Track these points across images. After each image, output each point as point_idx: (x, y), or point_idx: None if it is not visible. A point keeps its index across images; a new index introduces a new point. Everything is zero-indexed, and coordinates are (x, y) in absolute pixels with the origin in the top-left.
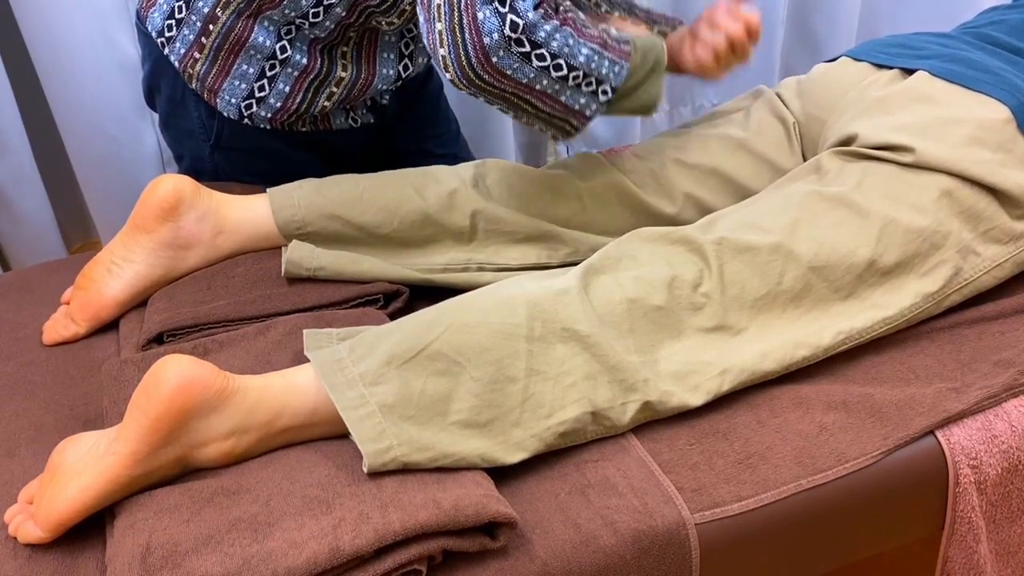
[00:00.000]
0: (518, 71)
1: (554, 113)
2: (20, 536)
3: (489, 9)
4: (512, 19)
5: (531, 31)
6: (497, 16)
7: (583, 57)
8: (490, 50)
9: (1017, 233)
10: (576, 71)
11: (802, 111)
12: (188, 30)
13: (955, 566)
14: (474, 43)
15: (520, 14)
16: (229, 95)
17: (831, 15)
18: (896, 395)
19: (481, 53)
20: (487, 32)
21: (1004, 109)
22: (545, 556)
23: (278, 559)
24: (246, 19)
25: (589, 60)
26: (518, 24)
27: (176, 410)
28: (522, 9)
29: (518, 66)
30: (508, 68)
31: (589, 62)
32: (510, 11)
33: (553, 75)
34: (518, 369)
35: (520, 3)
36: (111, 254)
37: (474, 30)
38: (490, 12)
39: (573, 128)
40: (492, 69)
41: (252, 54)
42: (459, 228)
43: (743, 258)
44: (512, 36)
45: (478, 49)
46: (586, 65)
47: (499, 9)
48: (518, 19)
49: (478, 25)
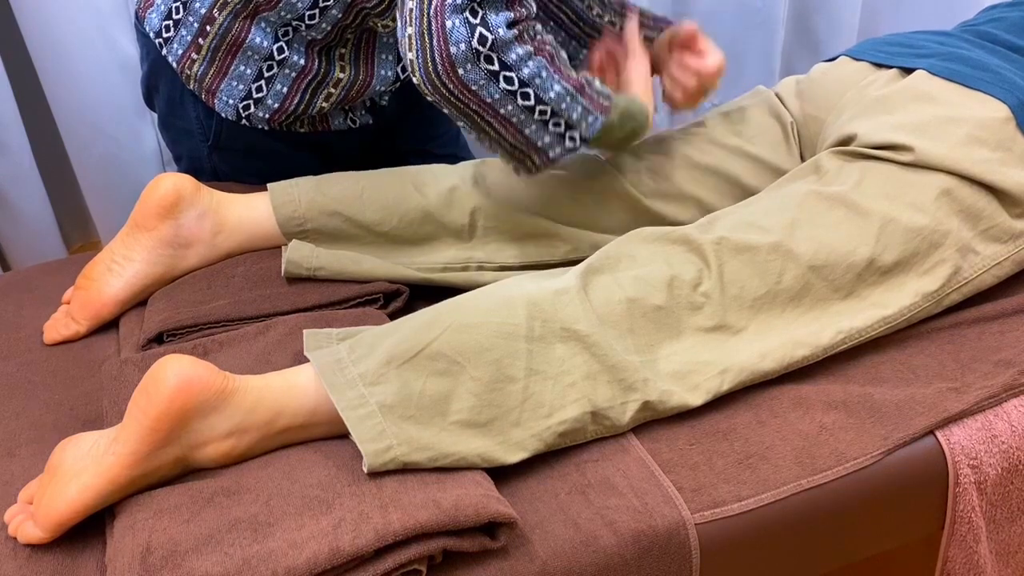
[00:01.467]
0: (483, 88)
1: (516, 144)
2: (20, 536)
3: (459, 19)
4: (481, 32)
5: (502, 49)
6: (467, 26)
7: (553, 93)
8: (456, 60)
9: (1017, 232)
10: (544, 106)
11: (801, 111)
12: (185, 31)
13: (955, 566)
14: (441, 51)
15: (491, 28)
16: (227, 96)
17: (831, 15)
18: (896, 395)
19: (447, 62)
20: (455, 42)
21: (1003, 108)
22: (545, 556)
23: (278, 559)
24: (243, 20)
25: (560, 99)
26: (487, 38)
27: (176, 410)
28: (494, 24)
29: (484, 83)
30: (473, 83)
31: (560, 100)
32: (481, 24)
33: (519, 103)
34: (518, 369)
35: (493, 17)
36: (111, 253)
37: (442, 38)
38: (460, 21)
39: (534, 165)
40: (457, 80)
41: (249, 55)
42: (459, 226)
43: (743, 258)
44: (480, 50)
45: (444, 57)
46: (556, 103)
47: (469, 20)
48: (488, 33)
49: (446, 33)
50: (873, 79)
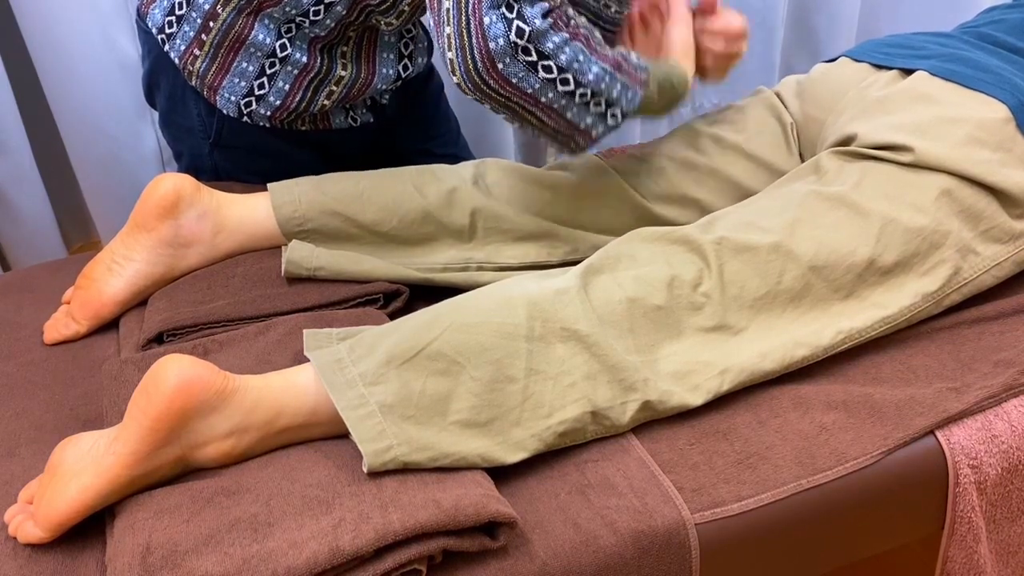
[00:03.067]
0: (524, 80)
1: (559, 129)
2: (20, 536)
3: (496, 14)
4: (519, 25)
5: (539, 40)
6: (503, 21)
7: (592, 75)
8: (496, 56)
9: (1017, 232)
10: (584, 88)
11: (801, 111)
12: (188, 27)
13: (955, 566)
14: (480, 48)
15: (527, 20)
16: (229, 92)
17: (831, 15)
18: (896, 395)
19: (487, 58)
20: (493, 37)
21: (1004, 108)
22: (545, 556)
23: (278, 559)
24: (246, 16)
25: (599, 80)
26: (524, 31)
27: (176, 410)
28: (530, 16)
29: (524, 75)
30: (514, 76)
31: (599, 81)
32: (517, 17)
33: (560, 89)
34: (518, 369)
35: (528, 10)
36: (112, 253)
37: (480, 35)
38: (496, 17)
39: (578, 146)
40: (498, 76)
41: (252, 52)
42: (459, 226)
43: (743, 258)
44: (518, 43)
45: (484, 54)
46: (595, 84)
47: (506, 15)
48: (525, 25)
49: (484, 30)
50: (873, 80)
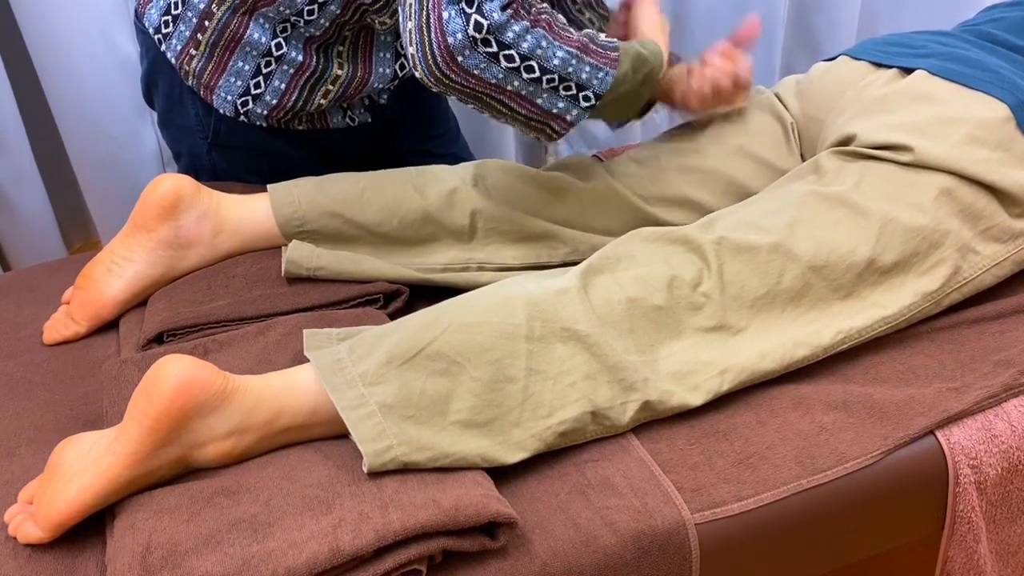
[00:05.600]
0: (486, 71)
1: (531, 116)
2: (20, 536)
3: (455, 9)
4: (476, 19)
5: (498, 31)
6: (462, 16)
7: (558, 60)
8: (454, 50)
9: (1017, 231)
10: (551, 74)
11: (800, 111)
12: (184, 26)
13: (955, 566)
14: (439, 42)
15: (486, 15)
16: (225, 92)
17: (831, 15)
18: (896, 395)
19: (446, 53)
20: (451, 32)
21: (1003, 107)
22: (545, 556)
23: (278, 559)
24: (241, 16)
25: (566, 63)
26: (483, 24)
27: (176, 410)
28: (488, 10)
29: (485, 66)
30: (475, 68)
31: (566, 65)
32: (476, 12)
33: (524, 76)
34: (518, 369)
35: (487, 4)
36: (111, 253)
37: (439, 30)
38: (455, 12)
39: (554, 132)
40: (458, 68)
41: (248, 51)
42: (459, 227)
43: (742, 258)
44: (476, 36)
45: (442, 48)
46: (562, 68)
47: (464, 9)
48: (483, 19)
49: (442, 24)
50: (873, 79)
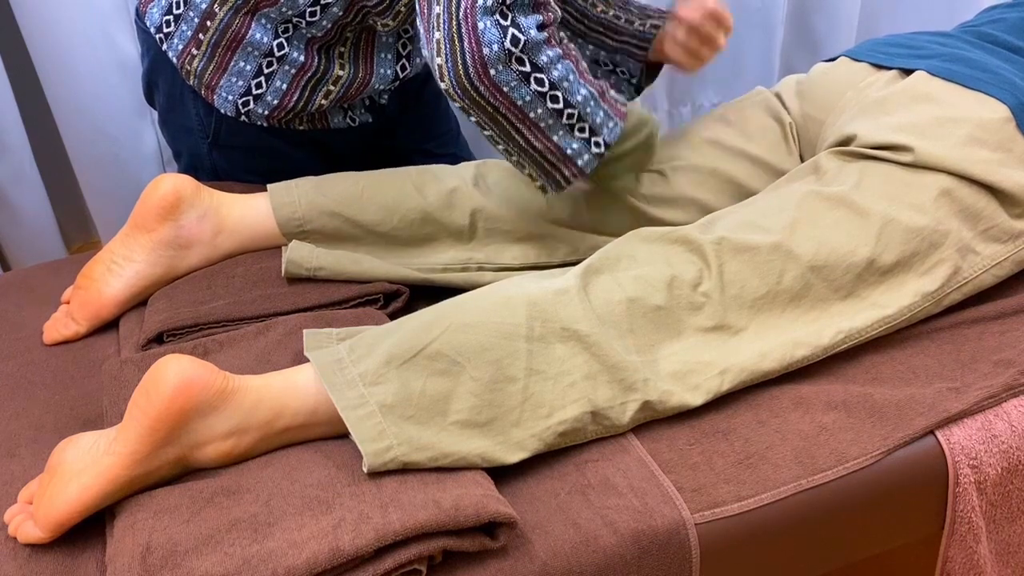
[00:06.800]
0: (515, 90)
1: (546, 154)
2: (20, 536)
3: (491, 20)
4: (514, 33)
5: (533, 51)
6: (499, 28)
7: (580, 97)
8: (489, 62)
9: (1016, 232)
10: (572, 109)
11: (800, 112)
12: (186, 26)
13: (955, 566)
14: (473, 53)
15: (523, 30)
16: (226, 92)
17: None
18: (896, 395)
19: (479, 64)
20: (487, 43)
21: (1003, 108)
22: (545, 556)
23: (278, 559)
24: (243, 16)
25: (586, 103)
26: (519, 39)
27: (176, 410)
28: (525, 26)
29: (515, 84)
30: (505, 84)
31: (586, 104)
32: (512, 25)
33: (549, 106)
34: (518, 369)
35: (523, 19)
36: (112, 253)
37: (473, 40)
38: (491, 23)
39: (563, 178)
40: (489, 82)
41: (249, 51)
42: (459, 227)
43: (742, 258)
44: (513, 51)
45: (477, 59)
46: (583, 106)
47: (500, 22)
48: (520, 34)
49: (478, 35)
50: (873, 80)
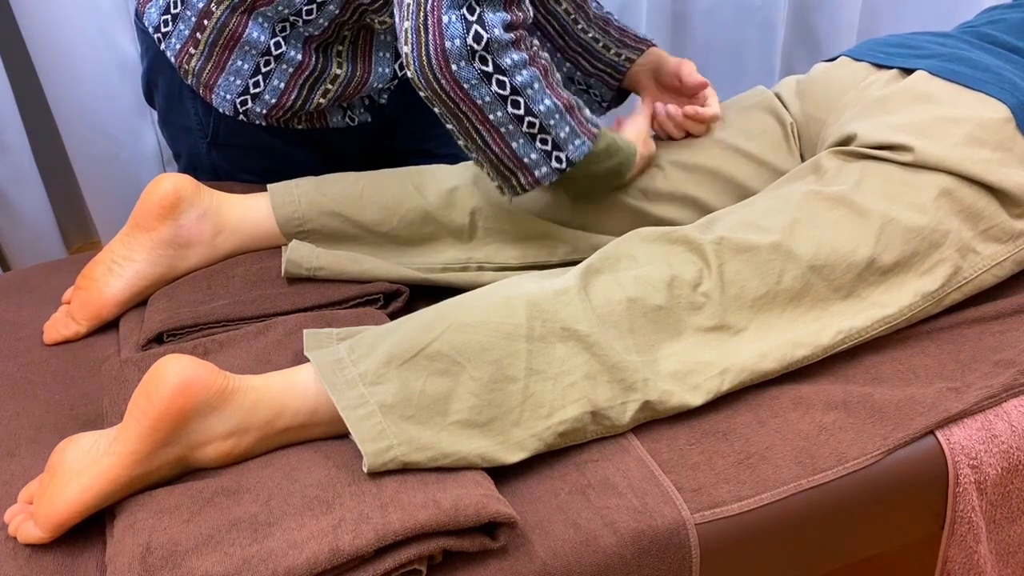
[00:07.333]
0: (475, 88)
1: (503, 158)
2: (20, 536)
3: (456, 14)
4: (478, 30)
5: (497, 52)
6: (463, 23)
7: (543, 107)
8: (451, 56)
9: (1017, 232)
10: (534, 118)
11: (801, 111)
12: (183, 25)
13: (955, 566)
14: (436, 45)
15: (487, 27)
16: (224, 91)
17: (832, 15)
18: (896, 395)
19: (441, 56)
20: (450, 37)
21: (1003, 108)
22: (545, 556)
23: (278, 559)
24: (240, 15)
25: (550, 114)
26: (483, 36)
27: (176, 410)
28: (490, 23)
29: (476, 83)
30: (465, 82)
31: (549, 116)
32: (477, 22)
33: (509, 111)
34: (518, 369)
35: (489, 16)
36: (112, 253)
37: (438, 32)
38: (456, 17)
39: (519, 184)
40: (450, 76)
41: (247, 50)
42: (459, 226)
43: (743, 258)
44: (475, 48)
45: (439, 52)
46: (546, 117)
47: (467, 16)
48: (484, 32)
49: (442, 28)
50: (873, 79)
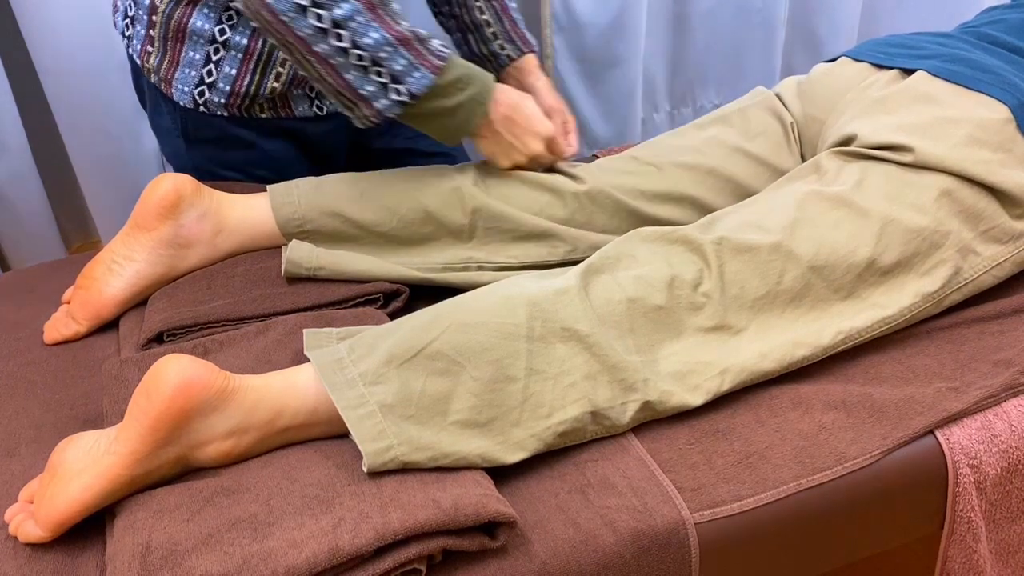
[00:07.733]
0: (294, 21)
1: (340, 89)
2: (20, 536)
3: None
4: None
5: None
6: None
7: (371, 40)
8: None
9: (1017, 232)
10: (361, 51)
11: (801, 112)
12: (140, 26)
13: (955, 566)
14: None
15: None
16: (182, 84)
17: (832, 16)
18: (896, 395)
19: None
20: None
21: (1004, 109)
22: (545, 556)
23: (278, 558)
24: (185, 6)
25: (378, 47)
26: None
27: (176, 410)
28: None
29: (294, 16)
30: (283, 14)
31: (378, 48)
32: None
33: (333, 43)
34: (518, 369)
35: None
36: (112, 253)
37: None
38: None
39: (363, 115)
40: (269, 9)
41: (196, 40)
42: (459, 226)
43: (743, 258)
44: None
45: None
46: (374, 50)
47: None
48: None
49: None
50: (874, 80)
